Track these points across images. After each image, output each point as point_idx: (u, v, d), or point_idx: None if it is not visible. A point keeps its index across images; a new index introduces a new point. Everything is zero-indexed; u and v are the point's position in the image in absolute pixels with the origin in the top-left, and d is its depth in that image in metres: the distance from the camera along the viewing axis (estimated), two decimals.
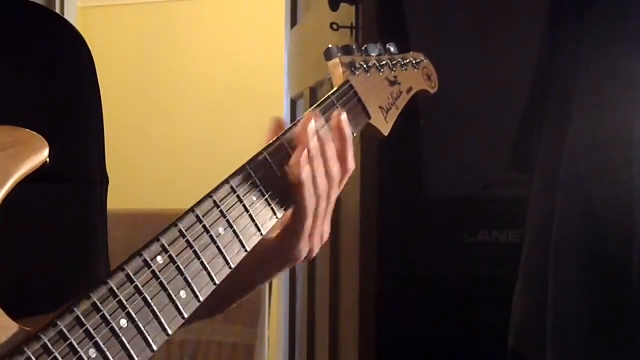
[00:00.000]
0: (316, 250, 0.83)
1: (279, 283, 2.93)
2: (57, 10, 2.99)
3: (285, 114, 3.02)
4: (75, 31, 0.89)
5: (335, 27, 2.08)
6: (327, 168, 0.81)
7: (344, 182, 0.85)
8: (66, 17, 2.26)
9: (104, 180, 0.87)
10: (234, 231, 0.71)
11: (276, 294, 2.87)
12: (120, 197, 1.42)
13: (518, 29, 1.98)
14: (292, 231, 0.80)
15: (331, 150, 0.82)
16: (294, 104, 2.91)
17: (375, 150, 1.99)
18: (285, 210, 0.78)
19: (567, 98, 1.54)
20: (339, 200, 2.37)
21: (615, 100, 1.49)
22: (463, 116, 2.04)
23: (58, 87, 0.84)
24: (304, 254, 0.82)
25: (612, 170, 1.47)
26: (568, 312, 1.48)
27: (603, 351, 1.47)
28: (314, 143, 0.79)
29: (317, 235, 0.82)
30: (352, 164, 0.84)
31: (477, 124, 2.04)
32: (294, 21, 2.97)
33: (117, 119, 3.47)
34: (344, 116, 0.84)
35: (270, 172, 0.77)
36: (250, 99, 3.97)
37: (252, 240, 0.73)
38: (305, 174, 0.78)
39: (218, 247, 0.69)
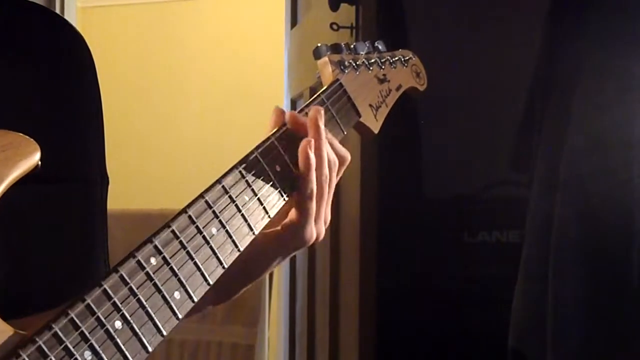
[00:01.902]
0: (322, 235, 0.84)
1: (279, 283, 2.93)
2: (57, 10, 2.99)
3: None
4: (75, 31, 0.89)
5: (335, 27, 2.08)
6: (329, 155, 0.83)
7: (342, 171, 0.86)
8: (66, 17, 2.26)
9: (104, 180, 0.87)
10: (227, 231, 0.71)
11: (276, 294, 2.87)
12: (120, 197, 1.42)
13: (518, 29, 1.98)
14: (298, 218, 0.81)
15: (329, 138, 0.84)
16: (294, 104, 2.91)
17: (375, 150, 1.99)
18: (285, 200, 0.78)
19: (567, 98, 1.54)
20: (339, 200, 2.37)
21: (615, 101, 1.49)
22: (463, 116, 2.04)
23: (58, 87, 0.84)
24: (311, 240, 0.83)
25: (611, 170, 1.47)
26: (568, 312, 1.48)
27: (603, 351, 1.47)
28: (318, 131, 0.81)
29: (321, 220, 0.83)
30: (347, 154, 0.86)
31: (476, 124, 2.03)
32: (294, 21, 2.97)
33: (118, 119, 3.48)
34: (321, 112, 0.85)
35: (262, 172, 0.77)
36: (250, 99, 3.97)
37: (244, 240, 0.73)
38: (311, 161, 0.79)
39: (211, 248, 0.69)
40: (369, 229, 2.01)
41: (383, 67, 1.01)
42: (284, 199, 0.79)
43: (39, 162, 0.63)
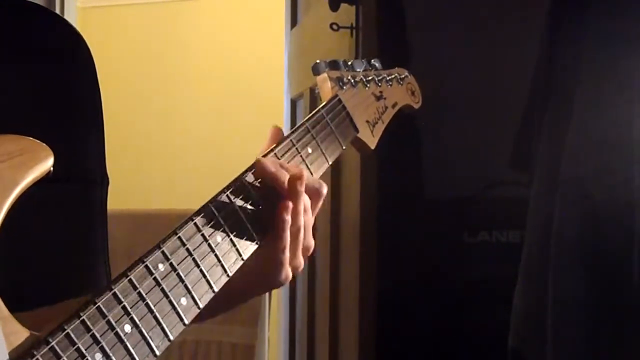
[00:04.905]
0: (301, 267, 0.80)
1: None
2: (57, 11, 2.99)
3: (285, 114, 3.02)
4: (74, 31, 0.89)
5: (335, 27, 2.08)
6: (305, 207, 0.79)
7: (320, 203, 0.81)
8: (66, 17, 2.26)
9: (104, 180, 0.87)
10: (231, 240, 0.72)
11: (276, 294, 2.87)
12: (121, 197, 1.42)
13: (518, 29, 1.98)
14: (271, 268, 0.78)
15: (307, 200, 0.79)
16: (294, 104, 2.91)
17: (375, 151, 1.99)
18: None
19: (567, 97, 1.54)
20: (339, 201, 2.35)
21: (615, 100, 1.49)
22: (463, 116, 2.04)
23: (58, 87, 0.84)
24: (288, 280, 0.79)
25: (612, 170, 1.47)
26: (568, 311, 1.48)
27: (603, 351, 1.47)
28: (298, 196, 0.77)
29: (298, 258, 0.79)
30: (322, 187, 0.81)
31: (477, 124, 2.04)
32: (294, 21, 2.97)
33: (118, 119, 3.48)
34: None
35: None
36: (250, 99, 3.97)
37: (248, 249, 0.73)
38: (287, 224, 0.76)
39: (216, 256, 0.70)
40: (369, 229, 2.02)
41: (380, 84, 1.03)
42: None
43: (52, 168, 0.64)
